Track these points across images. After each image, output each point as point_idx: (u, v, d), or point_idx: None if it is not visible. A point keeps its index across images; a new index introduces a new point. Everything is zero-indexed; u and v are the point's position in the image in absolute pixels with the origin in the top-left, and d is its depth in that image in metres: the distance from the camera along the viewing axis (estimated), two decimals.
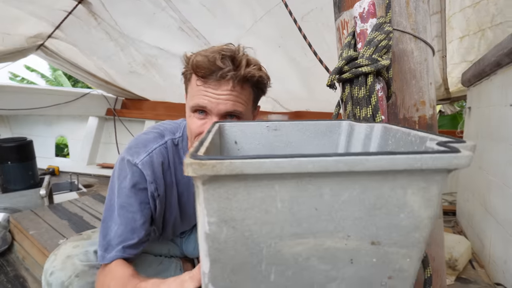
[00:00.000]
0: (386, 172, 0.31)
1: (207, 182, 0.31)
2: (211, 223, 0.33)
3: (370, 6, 0.65)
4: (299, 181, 0.32)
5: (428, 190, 0.33)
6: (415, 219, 0.34)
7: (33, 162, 2.01)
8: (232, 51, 0.69)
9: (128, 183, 0.74)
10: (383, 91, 0.68)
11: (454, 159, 0.32)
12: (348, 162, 0.30)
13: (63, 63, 2.70)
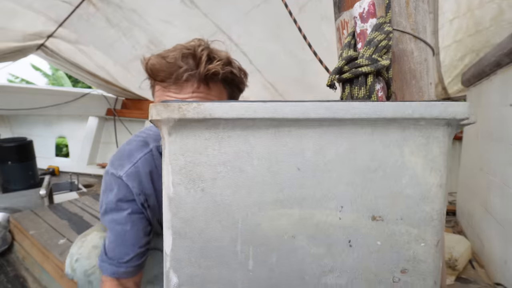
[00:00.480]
0: (374, 121, 0.27)
1: (173, 131, 0.27)
2: (176, 183, 0.28)
3: (370, 6, 0.65)
4: (277, 132, 0.27)
5: (429, 149, 0.28)
6: (421, 186, 0.28)
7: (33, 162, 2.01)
8: (192, 47, 0.62)
9: (113, 198, 0.70)
10: (383, 91, 0.68)
11: (449, 106, 0.27)
12: (329, 107, 0.26)
13: (63, 63, 2.70)
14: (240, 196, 0.29)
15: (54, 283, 1.12)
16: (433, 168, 0.29)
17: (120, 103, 3.56)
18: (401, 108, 0.26)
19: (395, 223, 0.29)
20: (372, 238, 0.29)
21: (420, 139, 0.28)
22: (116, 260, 0.69)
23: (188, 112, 0.26)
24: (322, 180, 0.28)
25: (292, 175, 0.28)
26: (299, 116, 0.26)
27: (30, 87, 3.14)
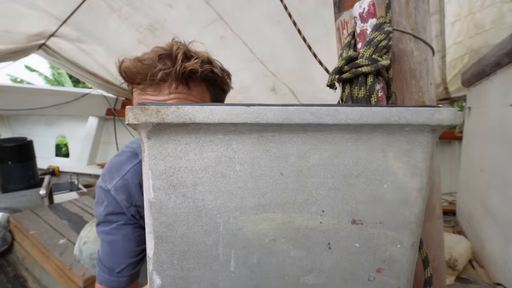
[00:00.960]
0: (360, 127, 0.26)
1: (152, 135, 0.26)
2: (156, 188, 0.28)
3: (370, 6, 0.65)
4: (260, 138, 0.27)
5: (412, 154, 0.28)
6: (402, 191, 0.29)
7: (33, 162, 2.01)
8: (169, 47, 0.60)
9: (103, 211, 0.70)
10: (383, 91, 0.68)
11: (436, 112, 0.27)
12: (314, 112, 0.25)
13: (64, 62, 2.70)
14: (222, 201, 0.28)
15: (54, 283, 1.12)
16: (415, 174, 0.28)
17: (120, 103, 3.56)
18: (387, 115, 0.26)
19: (374, 227, 0.29)
20: (351, 240, 0.30)
21: (404, 144, 0.28)
22: (108, 269, 0.69)
23: (167, 116, 0.25)
24: (305, 185, 0.28)
25: (275, 180, 0.28)
26: (283, 121, 0.25)
27: (30, 87, 3.14)
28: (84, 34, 2.34)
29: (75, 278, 1.00)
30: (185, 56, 0.59)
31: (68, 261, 1.06)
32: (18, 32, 2.11)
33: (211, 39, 2.15)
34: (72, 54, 2.61)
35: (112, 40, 2.37)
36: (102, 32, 2.31)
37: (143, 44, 2.36)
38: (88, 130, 3.36)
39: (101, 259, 0.70)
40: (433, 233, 0.78)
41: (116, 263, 0.68)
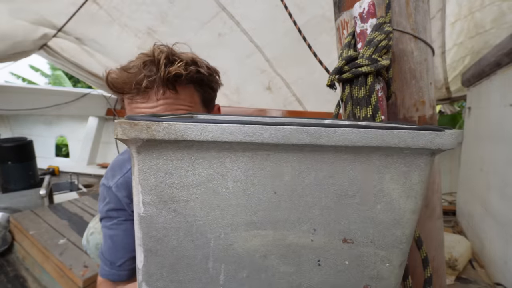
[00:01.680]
0: (358, 149, 0.26)
1: (142, 150, 0.26)
2: (146, 203, 0.27)
3: (370, 6, 0.65)
4: (254, 156, 0.26)
5: (409, 176, 0.27)
6: (395, 212, 0.28)
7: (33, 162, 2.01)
8: (151, 52, 0.59)
9: (104, 207, 0.72)
10: (383, 91, 0.68)
11: (437, 137, 0.26)
12: (312, 133, 0.25)
13: (65, 62, 2.70)
14: (214, 217, 0.28)
15: (54, 283, 1.12)
16: (410, 196, 0.28)
17: (120, 103, 3.56)
18: (387, 137, 0.26)
19: (364, 245, 0.29)
20: (340, 258, 0.30)
21: (402, 166, 0.27)
22: (110, 263, 0.71)
23: (157, 132, 0.24)
24: (298, 204, 0.28)
25: (268, 198, 0.28)
26: (279, 141, 0.25)
27: (30, 87, 3.14)
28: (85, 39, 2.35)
29: (75, 278, 1.00)
30: (168, 60, 0.58)
31: (68, 261, 1.06)
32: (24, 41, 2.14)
33: (209, 38, 2.16)
34: (73, 54, 2.62)
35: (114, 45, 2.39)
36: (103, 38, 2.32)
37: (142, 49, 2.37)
38: (88, 130, 3.36)
39: (103, 253, 0.72)
40: (433, 233, 0.78)
41: (117, 257, 0.70)
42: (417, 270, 0.76)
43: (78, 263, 1.05)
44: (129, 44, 2.30)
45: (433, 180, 0.77)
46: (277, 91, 2.63)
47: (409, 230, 0.29)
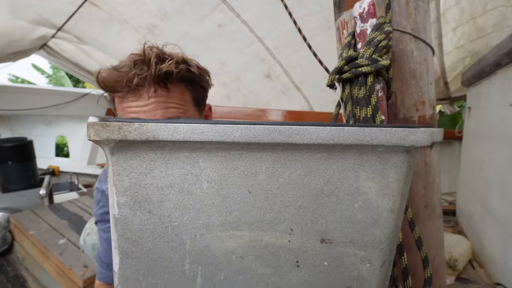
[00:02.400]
0: (331, 147, 0.26)
1: (116, 151, 0.26)
2: (121, 204, 0.27)
3: (370, 6, 0.65)
4: (228, 156, 0.26)
5: (385, 174, 0.27)
6: (373, 211, 0.28)
7: (33, 162, 2.01)
8: (142, 51, 0.59)
9: (99, 210, 0.74)
10: (383, 91, 0.68)
11: (410, 134, 0.26)
12: (283, 131, 0.25)
13: (65, 62, 2.70)
14: (189, 218, 0.28)
15: (54, 283, 1.12)
16: (387, 194, 0.28)
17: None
18: (359, 135, 0.26)
19: (343, 246, 0.29)
20: (319, 259, 0.29)
21: (377, 164, 0.27)
22: (107, 265, 0.71)
23: (129, 133, 0.24)
24: (274, 204, 0.28)
25: (243, 198, 0.28)
26: (250, 140, 0.25)
27: (30, 87, 3.14)
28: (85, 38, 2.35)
29: (75, 278, 1.00)
30: (159, 58, 0.59)
31: (68, 261, 1.06)
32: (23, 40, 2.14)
33: (209, 29, 2.17)
34: (73, 54, 2.62)
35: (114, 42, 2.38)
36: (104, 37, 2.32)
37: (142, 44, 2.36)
38: None
39: (100, 256, 0.72)
40: (433, 233, 0.78)
41: (110, 257, 0.71)
42: (417, 270, 0.76)
43: (78, 263, 1.05)
44: (129, 40, 2.30)
45: (433, 180, 0.77)
46: (276, 78, 2.67)
47: (388, 230, 0.29)
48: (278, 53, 2.43)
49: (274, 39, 2.28)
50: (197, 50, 2.36)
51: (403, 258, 0.62)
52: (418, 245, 0.64)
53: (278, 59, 2.48)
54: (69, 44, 2.46)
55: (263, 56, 2.43)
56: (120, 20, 2.10)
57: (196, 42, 2.26)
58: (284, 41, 2.28)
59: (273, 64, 2.52)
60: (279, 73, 2.61)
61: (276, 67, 2.55)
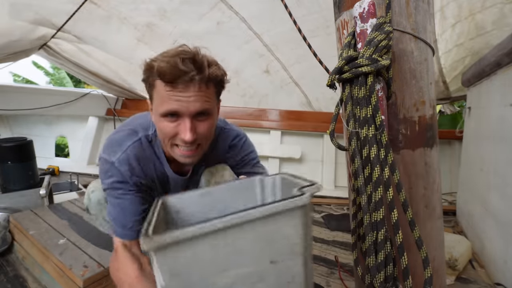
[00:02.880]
0: (258, 219, 0.47)
1: (157, 251, 0.42)
2: (165, 279, 0.43)
3: (370, 6, 0.65)
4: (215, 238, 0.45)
5: (293, 221, 0.49)
6: (291, 241, 0.50)
7: (33, 162, 2.00)
8: (192, 53, 0.72)
9: (109, 180, 0.83)
10: (383, 91, 0.68)
11: (298, 201, 0.48)
12: (225, 222, 0.44)
13: (65, 62, 2.70)
14: (203, 274, 0.47)
15: (54, 283, 1.12)
16: (296, 228, 0.50)
17: (120, 103, 3.56)
18: (270, 209, 0.47)
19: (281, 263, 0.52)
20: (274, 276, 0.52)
21: (288, 218, 0.49)
22: (122, 226, 0.83)
23: (164, 241, 0.41)
24: (248, 252, 0.48)
25: (230, 256, 0.47)
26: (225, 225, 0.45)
27: (31, 87, 3.14)
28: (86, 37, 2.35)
29: (75, 278, 1.00)
30: (209, 63, 0.74)
31: (68, 261, 1.06)
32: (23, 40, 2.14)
33: (208, 26, 2.18)
34: (73, 53, 2.61)
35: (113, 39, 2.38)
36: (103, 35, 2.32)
37: (142, 42, 2.37)
38: (88, 130, 3.35)
39: (115, 218, 0.83)
40: (433, 233, 0.78)
41: (127, 221, 0.83)
42: (417, 270, 0.76)
43: (78, 263, 1.05)
44: (128, 37, 2.31)
45: (433, 180, 0.77)
46: (274, 73, 2.70)
47: (301, 245, 0.52)
48: (277, 49, 2.45)
49: (273, 37, 2.30)
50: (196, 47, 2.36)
51: (403, 258, 0.62)
52: (418, 245, 0.64)
53: (276, 55, 2.49)
54: (69, 44, 2.46)
55: (262, 52, 2.45)
56: (119, 18, 2.11)
57: (195, 39, 2.26)
58: (282, 38, 2.29)
59: (272, 60, 2.55)
60: (277, 68, 2.63)
61: (275, 63, 2.58)
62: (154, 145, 0.88)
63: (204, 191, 0.68)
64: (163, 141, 0.81)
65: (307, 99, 2.94)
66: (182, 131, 0.75)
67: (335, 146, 0.70)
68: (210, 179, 0.96)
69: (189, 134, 0.74)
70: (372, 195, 0.61)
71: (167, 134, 0.77)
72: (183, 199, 0.66)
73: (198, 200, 0.67)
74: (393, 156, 0.62)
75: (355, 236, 0.72)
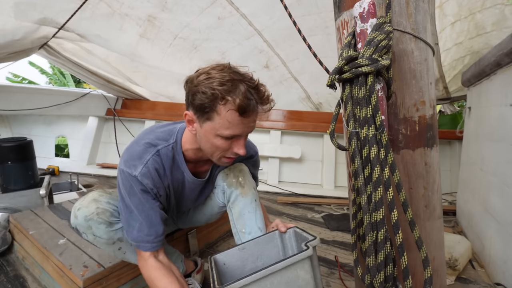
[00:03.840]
0: (284, 268, 0.71)
1: None
2: None
3: (370, 6, 0.65)
4: (258, 284, 0.69)
5: (304, 266, 0.74)
6: (305, 280, 0.75)
7: (33, 162, 2.00)
8: (254, 84, 0.84)
9: (134, 190, 0.89)
10: (383, 91, 0.68)
11: (305, 253, 0.74)
12: (257, 276, 0.68)
13: (66, 62, 2.69)
14: None
15: (54, 283, 1.12)
16: (308, 271, 0.75)
17: (120, 103, 3.56)
18: (288, 262, 0.72)
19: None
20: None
21: (301, 264, 0.74)
22: (155, 235, 0.91)
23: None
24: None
25: None
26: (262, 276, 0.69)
27: (30, 87, 3.13)
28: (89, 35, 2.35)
29: (75, 278, 1.00)
30: (268, 96, 0.87)
31: (68, 261, 1.06)
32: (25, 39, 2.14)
33: (209, 21, 2.18)
34: (74, 52, 2.61)
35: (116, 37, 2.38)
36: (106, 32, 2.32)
37: (144, 38, 2.38)
38: (88, 130, 3.35)
39: (143, 232, 0.90)
40: (433, 233, 0.78)
41: (152, 231, 0.91)
42: (417, 270, 0.76)
43: (78, 263, 1.05)
44: (131, 33, 2.32)
45: (434, 180, 0.77)
46: (274, 69, 2.73)
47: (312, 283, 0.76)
48: (277, 46, 2.46)
49: (273, 33, 2.31)
50: (198, 40, 2.38)
51: (403, 258, 0.62)
52: (418, 245, 0.64)
53: (276, 51, 2.51)
54: (70, 43, 2.46)
55: (262, 48, 2.47)
56: (120, 13, 2.10)
57: (196, 32, 2.29)
58: (282, 35, 2.29)
59: (272, 56, 2.56)
60: (277, 64, 2.65)
61: (275, 58, 2.59)
62: (175, 152, 0.96)
63: (241, 246, 0.91)
64: (211, 154, 0.91)
65: (306, 93, 2.94)
66: (237, 147, 0.88)
67: (335, 146, 0.70)
68: (228, 173, 1.09)
69: (244, 151, 0.89)
70: (372, 195, 0.61)
71: (221, 149, 0.88)
72: (227, 254, 0.89)
73: (238, 253, 0.91)
74: (393, 156, 0.62)
75: (355, 236, 0.72)
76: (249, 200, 1.05)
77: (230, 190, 1.07)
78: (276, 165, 2.94)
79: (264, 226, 1.05)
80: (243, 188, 1.06)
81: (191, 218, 1.26)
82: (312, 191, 2.69)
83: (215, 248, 1.58)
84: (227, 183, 1.08)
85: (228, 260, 0.89)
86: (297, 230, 0.94)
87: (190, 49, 2.51)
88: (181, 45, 2.46)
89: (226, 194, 1.08)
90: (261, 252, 0.94)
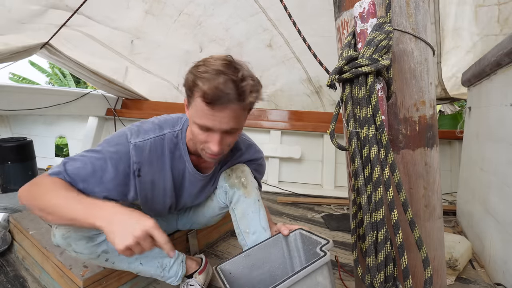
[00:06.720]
0: (307, 275, 0.71)
1: None
2: None
3: (370, 6, 0.65)
4: None
5: (323, 272, 0.75)
6: (324, 285, 0.75)
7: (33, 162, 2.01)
8: (237, 77, 0.74)
9: (113, 149, 0.85)
10: (383, 91, 0.68)
11: (324, 258, 0.74)
12: (289, 282, 0.68)
13: (67, 61, 2.69)
14: None
15: (54, 283, 1.12)
16: (325, 277, 0.76)
17: (120, 103, 3.56)
18: (309, 270, 0.72)
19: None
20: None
21: (320, 270, 0.75)
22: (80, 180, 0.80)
23: None
24: None
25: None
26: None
27: (30, 87, 3.13)
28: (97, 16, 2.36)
29: (75, 278, 1.00)
30: (251, 90, 0.77)
31: (68, 261, 1.06)
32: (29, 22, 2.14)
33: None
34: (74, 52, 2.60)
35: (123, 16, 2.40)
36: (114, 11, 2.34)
37: (150, 14, 2.40)
38: (88, 130, 3.35)
39: (82, 171, 0.80)
40: (433, 233, 0.78)
41: (94, 186, 0.81)
42: (417, 270, 0.76)
43: (78, 263, 1.05)
44: (137, 11, 2.34)
45: (434, 180, 0.77)
46: (277, 48, 2.73)
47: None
48: (280, 25, 2.47)
49: (277, 12, 2.32)
50: (203, 16, 2.39)
51: (403, 258, 0.62)
52: (418, 245, 0.64)
53: (280, 31, 2.52)
54: (72, 31, 2.44)
55: (266, 26, 2.48)
56: None
57: (201, 8, 2.31)
58: (286, 14, 2.30)
59: (275, 35, 2.57)
60: (280, 43, 2.66)
61: (278, 37, 2.60)
62: (179, 140, 0.95)
63: (246, 253, 0.90)
64: (195, 144, 0.88)
65: (307, 75, 2.93)
66: (211, 142, 0.82)
67: (335, 146, 0.70)
68: (230, 174, 1.07)
69: (217, 148, 0.81)
70: (372, 195, 0.61)
71: (199, 140, 0.84)
72: (233, 262, 0.88)
73: (243, 260, 0.90)
74: (393, 156, 0.62)
75: (355, 236, 0.72)
76: (252, 200, 1.04)
77: (233, 190, 1.06)
78: (276, 165, 2.94)
79: (268, 226, 1.03)
80: (246, 188, 1.05)
81: (191, 219, 1.26)
82: (312, 191, 2.69)
83: (215, 248, 1.58)
84: (229, 183, 1.07)
85: (234, 268, 0.88)
86: (303, 233, 0.92)
87: (194, 25, 2.53)
88: (185, 21, 2.48)
89: (229, 195, 1.07)
90: (267, 257, 0.93)
